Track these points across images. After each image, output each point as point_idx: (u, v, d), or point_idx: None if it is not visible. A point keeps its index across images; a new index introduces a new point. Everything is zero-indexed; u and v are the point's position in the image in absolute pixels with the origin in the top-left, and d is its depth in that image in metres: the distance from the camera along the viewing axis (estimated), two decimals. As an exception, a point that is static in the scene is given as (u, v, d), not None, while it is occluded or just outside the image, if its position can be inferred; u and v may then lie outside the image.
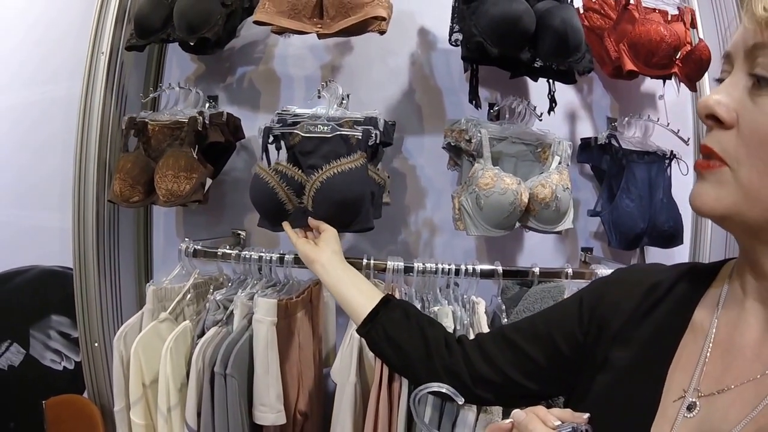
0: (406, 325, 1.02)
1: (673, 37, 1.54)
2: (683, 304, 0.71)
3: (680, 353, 0.67)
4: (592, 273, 1.45)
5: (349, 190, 1.30)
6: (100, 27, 1.68)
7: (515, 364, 0.89)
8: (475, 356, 0.93)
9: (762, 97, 0.57)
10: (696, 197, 0.62)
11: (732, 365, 0.62)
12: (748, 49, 0.59)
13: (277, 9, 1.41)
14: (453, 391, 0.71)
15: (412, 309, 1.08)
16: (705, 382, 0.63)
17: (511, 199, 1.37)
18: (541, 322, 0.90)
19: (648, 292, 0.75)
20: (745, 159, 0.58)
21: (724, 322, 0.66)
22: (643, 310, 0.74)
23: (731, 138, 0.59)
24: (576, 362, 0.81)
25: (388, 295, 1.10)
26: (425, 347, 0.99)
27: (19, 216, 2.04)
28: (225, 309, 1.42)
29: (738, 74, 0.61)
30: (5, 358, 2.06)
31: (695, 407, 0.62)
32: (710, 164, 0.61)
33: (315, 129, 1.38)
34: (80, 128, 1.69)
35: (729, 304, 0.67)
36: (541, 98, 1.60)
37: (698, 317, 0.68)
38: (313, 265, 1.21)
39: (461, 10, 1.44)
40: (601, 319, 0.79)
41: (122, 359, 1.39)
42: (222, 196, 1.82)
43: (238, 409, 1.29)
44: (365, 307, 1.07)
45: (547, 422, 0.60)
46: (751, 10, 0.58)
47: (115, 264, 1.79)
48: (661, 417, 0.64)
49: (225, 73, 1.82)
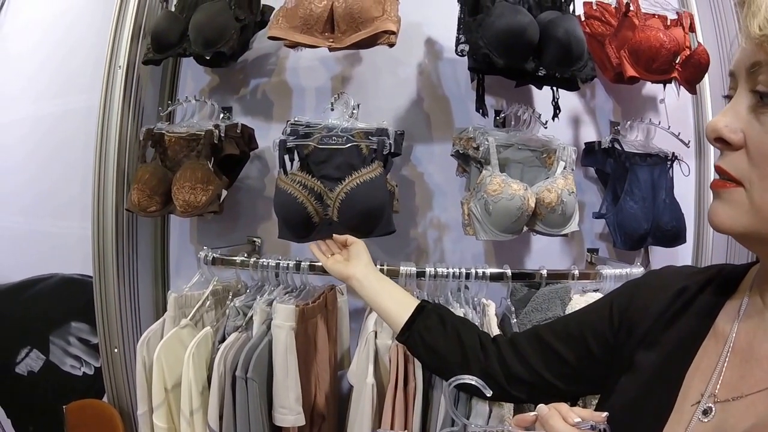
0: (442, 331, 1.06)
1: (673, 43, 1.58)
2: (707, 311, 0.72)
3: (700, 359, 0.68)
4: (598, 274, 1.48)
5: (372, 199, 1.35)
6: (116, 42, 1.73)
7: (548, 364, 0.92)
8: (510, 356, 0.97)
9: (766, 115, 0.59)
10: (713, 216, 0.64)
11: (749, 373, 0.63)
12: (748, 68, 0.60)
13: (290, 24, 1.45)
14: (482, 384, 0.76)
15: (446, 314, 1.12)
16: (722, 389, 0.64)
17: (518, 205, 1.41)
18: (574, 323, 0.93)
19: (675, 296, 0.77)
20: (757, 180, 0.59)
21: (744, 330, 0.67)
22: (670, 315, 0.76)
23: (742, 158, 0.61)
24: (606, 363, 0.83)
25: (422, 303, 1.13)
26: (462, 352, 1.03)
27: (40, 225, 2.09)
28: (244, 315, 1.47)
29: (742, 93, 0.62)
30: (25, 364, 2.10)
31: (711, 412, 0.63)
32: (726, 184, 0.62)
33: (329, 141, 1.43)
34: (99, 139, 1.74)
35: (750, 313, 0.67)
36: (545, 105, 1.63)
37: (720, 324, 0.70)
38: (350, 281, 1.23)
39: (467, 22, 1.47)
40: (630, 321, 0.81)
41: (145, 364, 1.43)
42: (236, 205, 1.86)
43: (258, 411, 1.33)
44: (402, 317, 1.11)
45: (568, 419, 0.64)
46: (747, 30, 0.58)
47: (133, 271, 1.83)
48: (675, 419, 0.65)
49: (238, 85, 1.87)
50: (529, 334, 1.00)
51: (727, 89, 0.66)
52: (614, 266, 1.53)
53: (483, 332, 1.08)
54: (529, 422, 0.68)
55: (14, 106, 2.15)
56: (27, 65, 2.12)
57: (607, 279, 1.47)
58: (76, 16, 2.04)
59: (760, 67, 0.59)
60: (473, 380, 0.75)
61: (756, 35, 0.57)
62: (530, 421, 0.68)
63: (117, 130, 1.72)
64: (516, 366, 0.96)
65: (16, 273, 2.14)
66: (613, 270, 1.48)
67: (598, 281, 1.48)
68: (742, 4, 0.59)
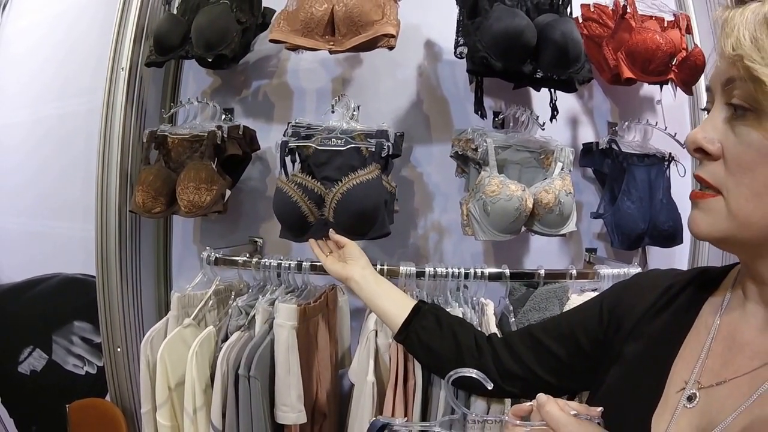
0: (438, 330, 1.11)
1: (669, 45, 1.59)
2: (692, 305, 0.77)
3: (684, 348, 0.73)
4: (596, 273, 1.50)
5: (367, 201, 1.37)
6: (119, 44, 1.74)
7: (541, 361, 0.97)
8: (504, 354, 1.02)
9: (740, 127, 0.63)
10: (693, 224, 0.68)
11: (731, 360, 0.67)
12: (724, 83, 0.65)
13: (291, 27, 1.47)
14: (482, 376, 0.79)
15: (443, 314, 1.16)
16: (705, 376, 0.68)
17: (516, 205, 1.42)
18: (565, 322, 0.98)
19: (661, 293, 0.82)
20: (733, 187, 0.64)
21: (726, 322, 0.71)
22: (656, 309, 0.81)
23: (720, 168, 0.65)
24: (596, 359, 0.88)
25: (419, 304, 1.17)
26: (457, 350, 1.07)
27: (42, 225, 2.11)
28: (246, 314, 1.48)
29: (718, 106, 0.67)
30: (28, 363, 2.11)
31: (695, 398, 0.67)
32: (705, 194, 0.66)
33: (329, 142, 1.44)
34: (102, 140, 1.75)
35: (732, 306, 0.72)
36: (543, 106, 1.65)
37: (704, 317, 0.75)
38: (348, 282, 1.27)
39: (465, 25, 1.49)
40: (618, 318, 0.86)
41: (149, 363, 1.45)
42: (238, 205, 1.87)
43: (261, 409, 1.35)
44: (399, 317, 1.15)
45: (564, 411, 0.67)
46: (722, 49, 0.64)
47: (136, 271, 1.85)
48: (662, 406, 0.70)
49: (240, 87, 1.88)
50: (522, 332, 1.05)
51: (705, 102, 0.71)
52: (612, 266, 1.54)
53: (478, 331, 1.12)
54: (525, 411, 0.72)
55: (16, 107, 2.17)
56: (28, 66, 2.14)
57: (605, 278, 1.48)
58: (77, 18, 2.06)
59: (734, 82, 0.63)
60: (474, 373, 0.78)
61: (730, 54, 0.62)
62: (527, 411, 0.72)
63: (120, 132, 1.74)
64: (509, 362, 1.01)
65: (18, 273, 2.15)
66: (611, 270, 1.49)
67: (596, 281, 1.50)
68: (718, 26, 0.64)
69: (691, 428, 0.65)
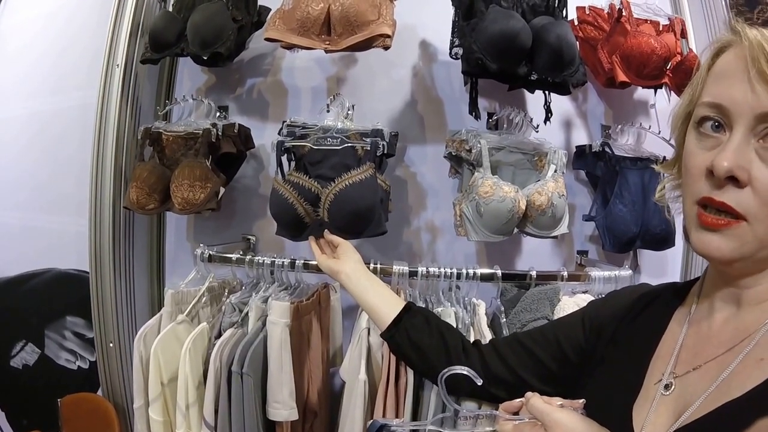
0: (427, 330, 1.12)
1: (664, 49, 1.60)
2: (665, 309, 0.82)
3: (661, 346, 0.77)
4: (587, 275, 1.50)
5: (361, 200, 1.37)
6: (114, 40, 1.75)
7: (526, 365, 1.01)
8: (491, 357, 1.05)
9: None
10: (713, 249, 0.66)
11: (702, 350, 0.71)
12: (759, 115, 0.61)
13: (287, 26, 1.47)
14: (473, 373, 0.80)
15: (432, 316, 1.18)
16: (680, 366, 0.72)
17: (509, 207, 1.43)
18: (549, 330, 1.02)
19: (636, 301, 0.88)
20: (763, 216, 0.63)
21: (696, 318, 0.76)
22: (633, 315, 0.86)
23: (748, 196, 0.63)
24: (579, 365, 0.92)
25: (409, 303, 1.19)
26: (445, 350, 1.09)
27: (36, 220, 2.11)
28: (240, 311, 1.49)
29: (747, 136, 0.63)
30: (20, 357, 2.12)
31: (672, 386, 0.71)
32: (729, 222, 0.64)
33: (325, 142, 1.45)
34: (96, 136, 1.76)
35: (702, 304, 0.76)
36: (538, 108, 1.65)
37: (677, 317, 0.79)
38: (338, 276, 1.28)
39: (461, 26, 1.50)
40: (599, 326, 0.91)
41: (142, 359, 1.45)
42: (232, 203, 1.88)
43: (253, 405, 1.35)
44: (389, 314, 1.15)
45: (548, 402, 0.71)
46: (765, 71, 0.59)
47: (129, 267, 1.85)
48: (642, 397, 0.73)
49: (235, 85, 1.88)
50: (508, 338, 1.10)
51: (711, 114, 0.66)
52: (603, 268, 1.54)
53: (465, 338, 1.14)
54: (515, 408, 0.76)
55: (10, 102, 2.16)
56: (24, 62, 2.13)
57: (596, 281, 1.48)
58: (72, 14, 2.05)
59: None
60: (465, 370, 0.80)
61: None
62: (516, 407, 0.76)
63: (114, 128, 1.74)
64: (496, 366, 1.03)
65: (11, 267, 2.15)
66: (602, 272, 1.49)
67: (587, 283, 1.50)
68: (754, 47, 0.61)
69: (669, 413, 0.69)
